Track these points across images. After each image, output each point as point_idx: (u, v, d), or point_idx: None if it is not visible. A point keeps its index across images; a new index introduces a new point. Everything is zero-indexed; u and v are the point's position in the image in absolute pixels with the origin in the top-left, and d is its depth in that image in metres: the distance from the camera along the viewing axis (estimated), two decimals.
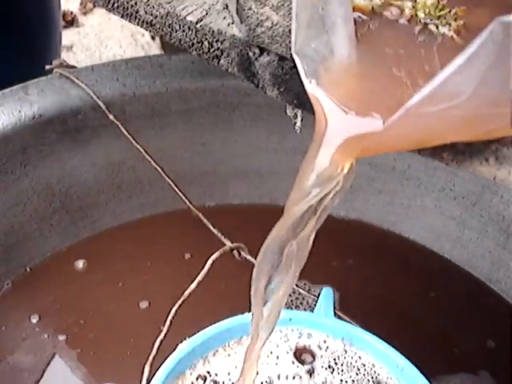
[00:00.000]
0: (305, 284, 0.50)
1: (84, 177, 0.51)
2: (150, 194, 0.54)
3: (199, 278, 0.37)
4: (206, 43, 0.31)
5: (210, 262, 0.38)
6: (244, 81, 0.31)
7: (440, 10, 0.28)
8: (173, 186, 0.49)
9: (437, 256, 0.55)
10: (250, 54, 0.29)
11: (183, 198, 0.48)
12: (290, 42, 0.27)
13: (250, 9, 0.27)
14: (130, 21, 0.34)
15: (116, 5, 0.34)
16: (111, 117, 0.47)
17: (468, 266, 0.54)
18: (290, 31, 0.27)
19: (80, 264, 0.51)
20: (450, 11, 0.28)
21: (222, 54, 0.30)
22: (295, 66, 0.24)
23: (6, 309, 0.49)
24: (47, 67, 0.49)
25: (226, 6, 0.31)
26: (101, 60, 1.02)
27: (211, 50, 0.31)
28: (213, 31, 0.30)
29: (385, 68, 0.25)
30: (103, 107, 0.47)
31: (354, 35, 0.26)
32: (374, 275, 0.52)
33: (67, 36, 0.96)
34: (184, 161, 0.54)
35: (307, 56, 0.24)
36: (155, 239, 0.53)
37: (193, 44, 0.31)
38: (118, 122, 0.47)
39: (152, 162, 0.49)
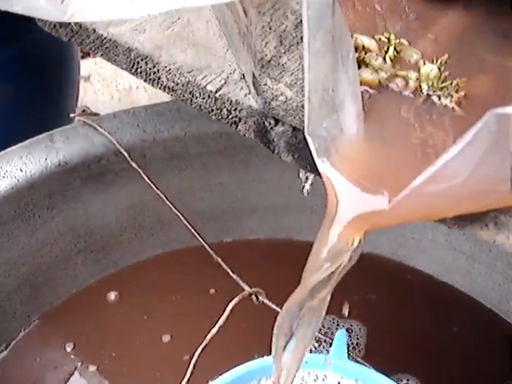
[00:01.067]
0: (333, 319, 0.52)
1: (107, 218, 0.54)
2: (171, 231, 0.56)
3: (220, 322, 0.39)
4: (224, 111, 0.33)
5: (229, 307, 0.40)
6: None
7: (442, 82, 0.30)
8: (191, 228, 0.51)
9: (450, 288, 0.57)
10: (266, 123, 0.31)
11: (202, 242, 0.51)
12: (302, 115, 0.29)
13: (266, 84, 0.29)
14: (152, 85, 0.37)
15: (139, 70, 0.37)
16: (134, 164, 0.49)
17: (480, 297, 0.55)
18: (302, 106, 0.29)
19: (112, 296, 0.53)
20: (451, 83, 0.30)
21: (240, 121, 0.33)
22: None
23: (38, 340, 0.51)
24: (71, 115, 0.52)
25: (243, 76, 0.33)
26: (117, 90, 1.05)
27: (230, 117, 0.33)
28: (231, 101, 0.32)
29: (391, 142, 0.27)
30: (125, 154, 0.50)
31: (362, 111, 0.28)
32: (395, 309, 0.54)
33: (84, 66, 0.99)
34: (202, 200, 0.57)
35: (319, 136, 0.26)
36: (180, 274, 0.55)
37: (212, 110, 0.34)
38: (139, 169, 0.50)
39: (171, 206, 0.52)
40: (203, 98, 0.33)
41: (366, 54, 0.30)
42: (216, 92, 0.33)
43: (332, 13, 0.26)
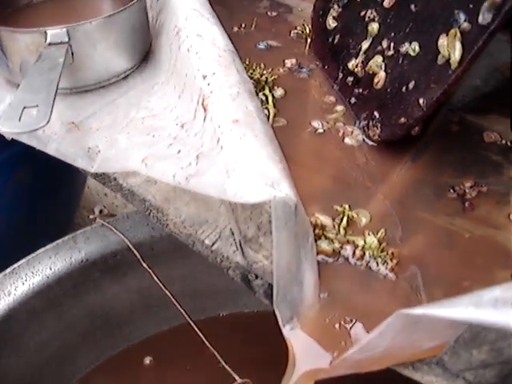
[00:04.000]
0: None
1: (120, 301, 0.64)
2: (174, 309, 0.66)
3: None
4: (218, 260, 0.43)
5: None
6: None
7: (381, 251, 0.40)
8: (181, 310, 0.61)
9: None
10: (249, 276, 0.41)
11: (190, 321, 0.60)
12: None
13: (248, 252, 0.39)
14: (162, 227, 0.46)
15: (152, 215, 0.46)
16: (144, 265, 0.59)
17: None
18: None
19: (147, 360, 0.63)
20: (387, 252, 0.39)
21: (230, 269, 0.42)
22: None
23: None
24: (91, 216, 0.62)
25: (232, 233, 0.43)
26: None
27: (222, 265, 0.43)
28: (223, 255, 0.42)
29: (341, 304, 0.37)
30: (136, 253, 0.60)
31: (318, 281, 0.37)
32: None
33: None
34: (202, 281, 0.67)
35: (284, 307, 0.35)
36: (187, 347, 0.65)
37: (209, 257, 0.43)
38: (146, 266, 0.60)
39: (167, 292, 0.62)
40: (202, 246, 0.43)
41: (323, 230, 0.40)
42: (212, 246, 0.42)
43: (295, 215, 0.36)
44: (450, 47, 0.42)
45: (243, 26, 0.65)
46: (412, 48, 0.46)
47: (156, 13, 0.61)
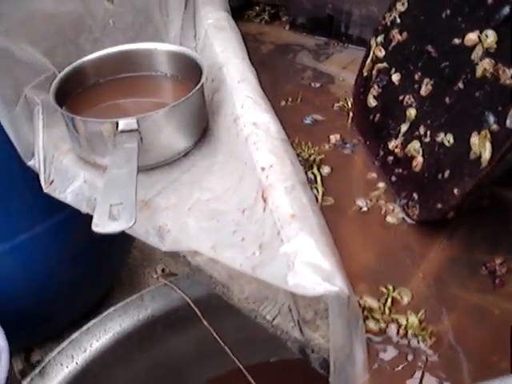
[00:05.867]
0: None
1: (181, 350, 0.70)
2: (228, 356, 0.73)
3: None
4: (278, 332, 0.49)
5: None
6: None
7: (422, 330, 0.45)
8: (234, 359, 0.67)
9: None
10: (306, 350, 0.47)
11: (241, 367, 0.67)
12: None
13: (306, 329, 0.45)
14: (226, 301, 0.53)
15: (218, 290, 0.53)
16: (204, 322, 0.66)
17: None
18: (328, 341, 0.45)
19: None
20: (427, 331, 0.45)
21: (288, 341, 0.48)
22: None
23: None
24: (154, 276, 0.69)
25: (290, 310, 0.49)
26: None
27: (281, 337, 0.49)
28: (282, 330, 0.48)
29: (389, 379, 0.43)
30: (196, 309, 0.66)
31: (367, 359, 0.43)
32: None
33: None
34: (254, 330, 0.72)
35: (339, 383, 0.42)
36: None
37: (269, 329, 0.50)
38: (204, 320, 0.66)
39: (222, 343, 0.68)
40: (263, 321, 0.50)
41: (370, 312, 0.46)
42: (272, 321, 0.49)
43: (348, 305, 0.42)
44: (481, 146, 0.47)
45: (290, 99, 0.71)
46: (447, 139, 0.52)
47: (212, 92, 0.67)
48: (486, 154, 0.47)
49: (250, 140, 0.55)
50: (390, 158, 0.59)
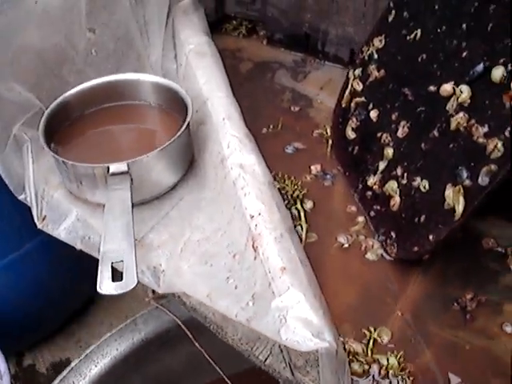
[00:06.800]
0: None
1: (173, 367, 0.75)
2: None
3: None
4: (270, 371, 0.53)
5: None
6: None
7: (401, 370, 0.50)
8: (219, 371, 0.72)
9: None
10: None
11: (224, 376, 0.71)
12: None
13: (297, 373, 0.50)
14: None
15: (212, 328, 0.57)
16: (196, 344, 0.70)
17: None
18: None
19: None
20: (405, 371, 0.50)
21: (280, 378, 0.53)
22: None
23: None
24: (146, 299, 0.72)
25: (281, 351, 0.53)
26: None
27: (274, 375, 0.53)
28: (274, 369, 0.52)
29: None
30: (185, 329, 0.70)
31: None
32: None
33: None
34: None
35: None
36: None
37: (263, 367, 0.54)
38: (193, 339, 0.70)
39: (209, 359, 0.72)
40: (256, 360, 0.54)
41: (354, 355, 0.50)
42: (264, 361, 0.53)
43: (336, 356, 0.47)
44: (455, 199, 0.51)
45: (271, 126, 0.74)
46: (423, 185, 0.56)
47: (197, 123, 0.69)
48: (460, 208, 0.51)
49: (238, 184, 0.58)
50: (369, 193, 0.63)
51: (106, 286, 0.49)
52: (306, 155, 0.70)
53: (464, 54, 0.55)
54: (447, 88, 0.55)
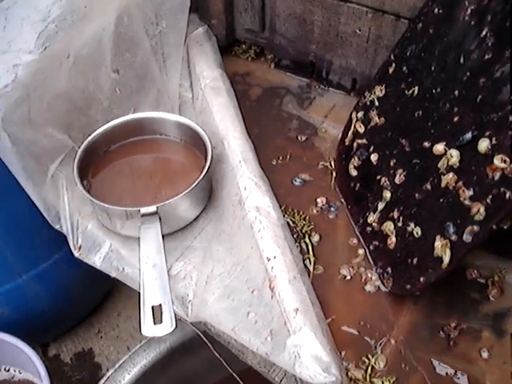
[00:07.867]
0: None
1: (196, 369, 0.85)
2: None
3: None
4: None
5: None
6: None
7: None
8: (228, 367, 0.82)
9: None
10: None
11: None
12: None
13: None
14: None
15: (235, 351, 0.66)
16: (215, 353, 0.80)
17: None
18: None
19: None
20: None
21: None
22: None
23: None
24: None
25: (294, 375, 0.63)
26: None
27: None
28: None
29: None
30: (205, 340, 0.80)
31: None
32: None
33: None
34: None
35: None
36: None
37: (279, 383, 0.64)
38: (209, 345, 0.80)
39: (223, 362, 0.82)
40: (273, 381, 0.64)
41: (355, 382, 0.60)
42: (280, 382, 0.63)
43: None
44: (443, 251, 0.60)
45: (280, 158, 0.81)
46: (416, 231, 0.64)
47: (215, 160, 0.76)
48: (446, 259, 0.60)
49: (255, 227, 0.67)
50: (369, 228, 0.71)
51: (148, 329, 0.58)
52: (312, 187, 0.78)
53: (455, 118, 0.62)
54: (439, 148, 0.63)
